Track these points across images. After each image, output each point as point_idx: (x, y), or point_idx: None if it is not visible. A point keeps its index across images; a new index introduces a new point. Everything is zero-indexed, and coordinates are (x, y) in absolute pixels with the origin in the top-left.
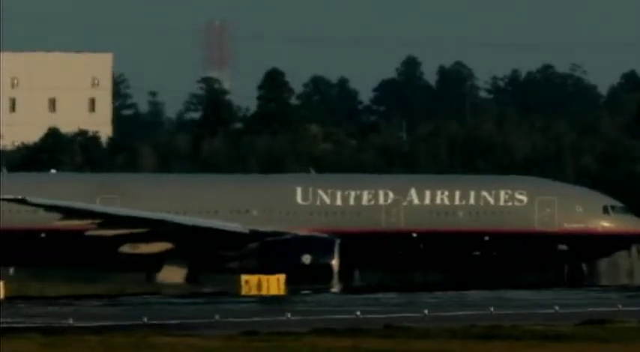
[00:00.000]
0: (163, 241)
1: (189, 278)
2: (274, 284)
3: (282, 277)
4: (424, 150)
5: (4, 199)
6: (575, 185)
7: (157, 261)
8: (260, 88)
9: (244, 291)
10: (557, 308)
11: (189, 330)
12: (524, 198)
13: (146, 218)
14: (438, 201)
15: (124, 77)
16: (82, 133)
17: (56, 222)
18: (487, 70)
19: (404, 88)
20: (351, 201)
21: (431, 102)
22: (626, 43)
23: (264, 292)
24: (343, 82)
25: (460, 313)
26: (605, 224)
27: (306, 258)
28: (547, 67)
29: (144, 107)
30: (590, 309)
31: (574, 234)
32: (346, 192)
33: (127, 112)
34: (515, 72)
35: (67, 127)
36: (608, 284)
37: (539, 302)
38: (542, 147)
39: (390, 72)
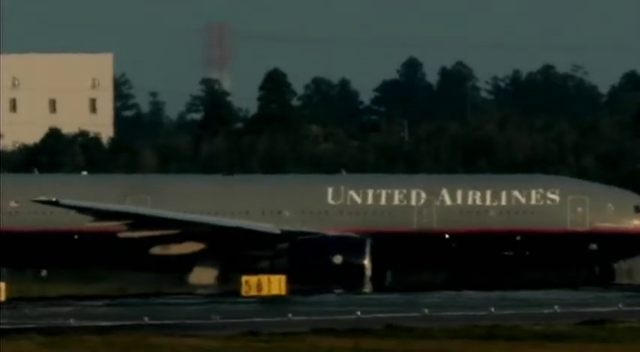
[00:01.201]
0: (195, 242)
1: (220, 279)
2: (275, 284)
3: (283, 277)
4: (426, 151)
5: (36, 201)
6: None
7: (188, 262)
8: (261, 88)
9: (244, 291)
10: (557, 308)
11: (190, 330)
12: (556, 198)
13: (177, 219)
14: (470, 201)
15: (125, 78)
16: (83, 134)
17: (88, 223)
18: (488, 70)
19: (405, 89)
20: (383, 201)
21: (432, 102)
22: (627, 43)
23: (264, 292)
24: (344, 83)
25: (461, 313)
26: (637, 223)
27: (337, 258)
28: (548, 68)
29: (145, 108)
30: (591, 309)
31: (605, 234)
32: (377, 192)
33: (128, 113)
34: (516, 72)
35: (68, 128)
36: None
37: (540, 302)
38: (543, 148)
39: (391, 72)
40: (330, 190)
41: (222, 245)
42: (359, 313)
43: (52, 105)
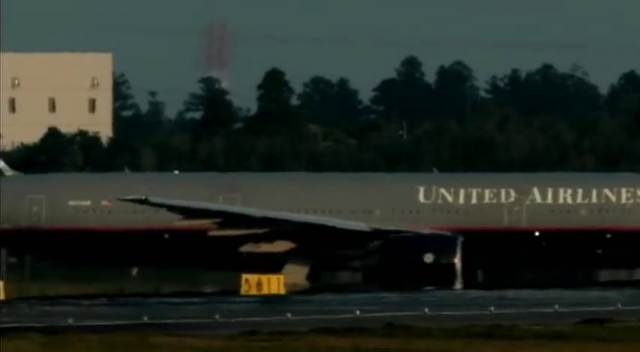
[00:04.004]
0: (285, 240)
1: (310, 278)
2: (274, 283)
3: (281, 277)
4: (424, 150)
5: (125, 199)
6: None
7: (278, 261)
8: (260, 87)
9: (244, 291)
10: (557, 307)
11: (190, 330)
12: None
13: (267, 217)
14: (561, 199)
15: (124, 78)
16: (82, 134)
17: (177, 222)
18: (487, 69)
19: (403, 88)
20: (474, 200)
21: (430, 101)
22: (627, 43)
23: (264, 291)
24: (343, 82)
25: (460, 312)
26: None
27: (428, 257)
28: (547, 67)
29: (144, 107)
30: (590, 308)
31: None
32: (468, 191)
33: (127, 113)
34: (515, 72)
35: (67, 128)
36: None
37: (540, 302)
38: (543, 148)
39: (389, 72)
40: (421, 189)
41: (312, 243)
42: (358, 312)
43: (52, 105)
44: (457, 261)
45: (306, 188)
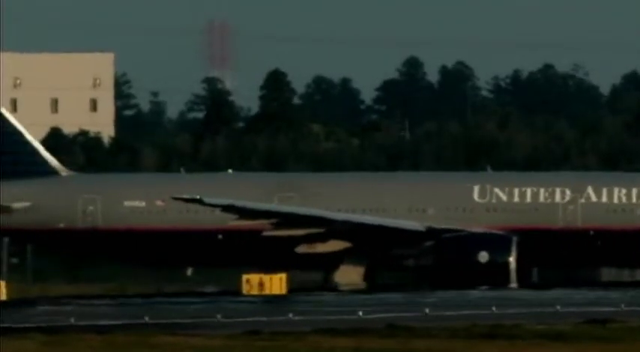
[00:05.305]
0: (340, 240)
1: (366, 278)
2: (276, 283)
3: (283, 276)
4: (426, 149)
5: (180, 199)
6: None
7: (334, 261)
8: (262, 88)
9: (246, 291)
10: (558, 307)
11: (192, 330)
12: None
13: (323, 217)
14: (616, 199)
15: (126, 77)
16: (84, 134)
17: (231, 222)
18: (488, 69)
19: (405, 88)
20: (528, 199)
21: (432, 102)
22: (628, 43)
23: (266, 291)
24: (345, 82)
25: (462, 312)
26: None
27: (483, 256)
28: (548, 67)
29: (146, 107)
30: (592, 309)
31: None
32: (523, 190)
33: (128, 112)
34: (516, 72)
35: (69, 127)
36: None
37: (541, 302)
38: (544, 147)
39: (391, 72)
40: (476, 188)
41: (367, 243)
42: (360, 313)
43: (53, 105)
44: (512, 260)
45: (360, 187)
